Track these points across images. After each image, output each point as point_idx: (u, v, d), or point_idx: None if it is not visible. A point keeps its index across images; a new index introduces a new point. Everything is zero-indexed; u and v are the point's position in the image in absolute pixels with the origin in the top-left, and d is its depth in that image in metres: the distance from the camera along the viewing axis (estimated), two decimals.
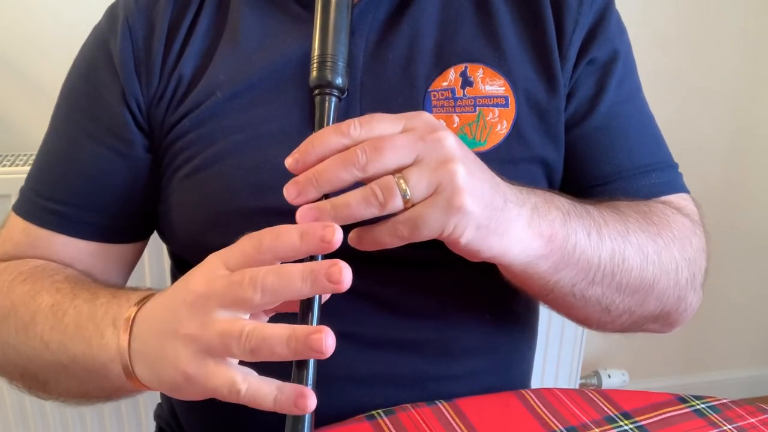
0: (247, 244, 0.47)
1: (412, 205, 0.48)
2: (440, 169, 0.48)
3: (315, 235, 0.45)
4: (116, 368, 0.53)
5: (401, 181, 0.47)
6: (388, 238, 0.50)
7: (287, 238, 0.45)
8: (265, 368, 0.46)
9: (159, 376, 0.50)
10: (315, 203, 0.49)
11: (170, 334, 0.48)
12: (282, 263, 0.46)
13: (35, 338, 0.59)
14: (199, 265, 0.49)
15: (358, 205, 0.48)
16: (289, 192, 0.49)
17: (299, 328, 0.44)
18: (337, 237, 0.44)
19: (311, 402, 0.44)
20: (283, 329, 0.44)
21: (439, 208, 0.48)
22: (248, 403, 0.46)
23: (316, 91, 0.55)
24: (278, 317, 0.49)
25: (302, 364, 0.47)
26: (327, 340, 0.43)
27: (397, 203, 0.48)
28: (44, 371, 0.61)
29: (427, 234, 0.49)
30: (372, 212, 0.48)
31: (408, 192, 0.48)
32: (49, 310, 0.59)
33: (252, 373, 0.46)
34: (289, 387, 0.45)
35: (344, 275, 0.44)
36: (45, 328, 0.59)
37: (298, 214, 0.48)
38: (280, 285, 0.44)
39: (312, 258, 0.47)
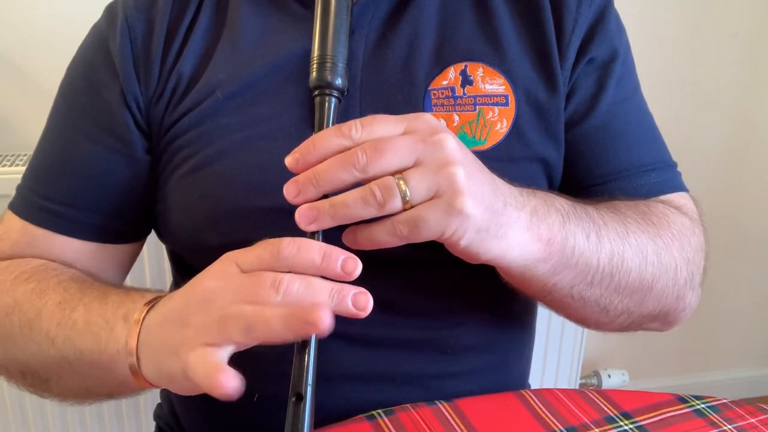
0: (264, 250, 0.48)
1: (411, 207, 0.48)
2: (441, 171, 0.48)
3: (336, 261, 0.46)
4: (122, 361, 0.53)
5: (401, 182, 0.47)
6: (385, 236, 0.50)
7: (308, 254, 0.46)
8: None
9: (159, 367, 0.50)
10: (313, 203, 0.49)
11: (176, 325, 0.49)
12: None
13: (40, 334, 0.59)
14: (213, 264, 0.50)
15: (356, 204, 0.48)
16: (289, 191, 0.49)
17: (296, 308, 0.44)
18: (358, 270, 0.46)
19: (226, 382, 0.43)
20: (281, 309, 0.45)
21: (440, 210, 0.48)
22: (200, 382, 0.45)
23: (316, 92, 0.55)
24: None
25: (302, 363, 0.47)
26: (324, 316, 0.43)
27: (396, 204, 0.48)
28: (46, 368, 0.61)
29: (426, 235, 0.49)
30: (370, 212, 0.48)
31: (408, 193, 0.47)
32: (56, 307, 0.60)
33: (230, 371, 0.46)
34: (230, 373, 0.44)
35: (369, 304, 0.46)
36: (51, 324, 0.59)
37: (297, 214, 0.49)
38: (306, 295, 0.45)
39: None
